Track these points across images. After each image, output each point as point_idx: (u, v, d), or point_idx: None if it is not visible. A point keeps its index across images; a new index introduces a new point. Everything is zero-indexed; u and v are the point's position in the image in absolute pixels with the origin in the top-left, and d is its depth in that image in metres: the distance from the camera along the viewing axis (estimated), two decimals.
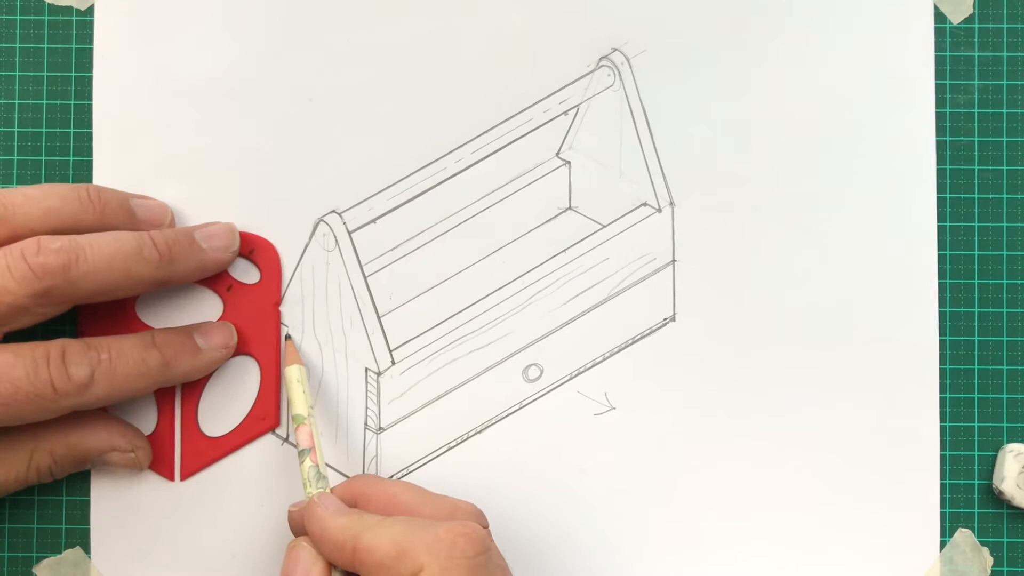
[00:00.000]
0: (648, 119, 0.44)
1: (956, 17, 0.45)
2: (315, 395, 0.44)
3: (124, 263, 0.39)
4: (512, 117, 0.44)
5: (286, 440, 0.44)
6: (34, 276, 0.38)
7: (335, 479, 0.44)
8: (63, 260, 0.38)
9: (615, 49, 0.44)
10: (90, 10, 0.44)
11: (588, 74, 0.44)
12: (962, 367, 0.44)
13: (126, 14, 0.44)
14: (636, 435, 0.44)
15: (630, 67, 0.44)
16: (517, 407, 0.44)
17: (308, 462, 0.40)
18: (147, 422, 0.43)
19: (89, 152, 0.44)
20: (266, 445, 0.44)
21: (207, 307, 0.43)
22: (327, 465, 0.42)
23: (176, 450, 0.44)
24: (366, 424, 0.44)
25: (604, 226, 0.44)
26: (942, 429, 0.44)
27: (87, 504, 0.43)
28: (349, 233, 0.44)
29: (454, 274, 0.44)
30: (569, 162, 0.44)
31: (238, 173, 0.44)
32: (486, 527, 0.40)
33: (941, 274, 0.44)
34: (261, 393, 0.44)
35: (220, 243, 0.42)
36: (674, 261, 0.44)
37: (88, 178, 0.44)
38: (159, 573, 0.43)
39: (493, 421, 0.44)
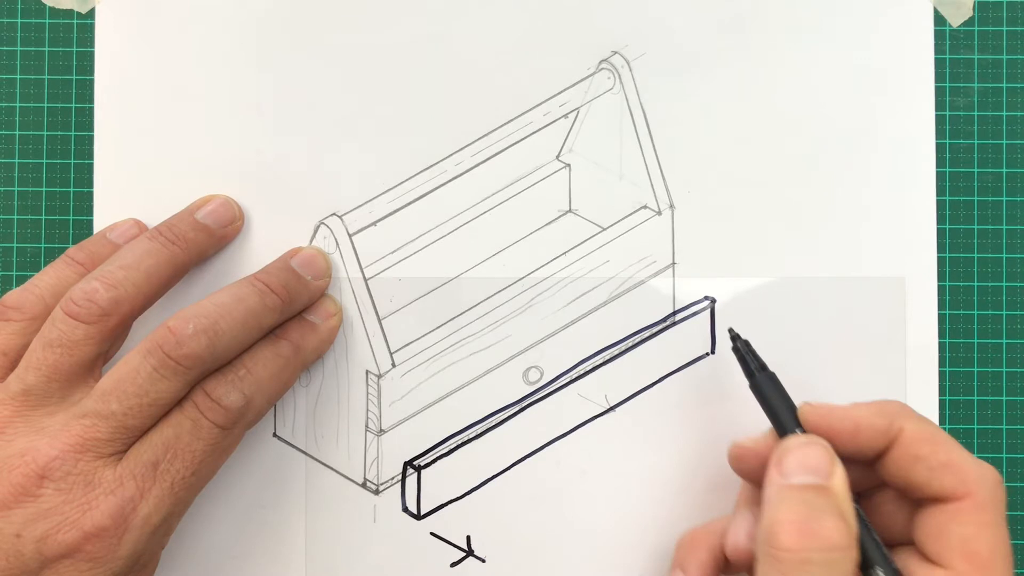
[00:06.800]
0: (648, 122, 0.44)
1: (956, 20, 0.45)
2: (316, 397, 0.44)
3: (256, 320, 0.39)
4: (512, 120, 0.44)
5: (285, 440, 0.44)
6: (185, 369, 0.38)
7: (336, 480, 0.44)
8: (205, 342, 0.38)
9: (615, 52, 0.44)
10: (91, 13, 0.45)
11: (588, 77, 0.44)
12: (961, 370, 0.44)
13: (127, 17, 0.44)
14: (636, 436, 0.44)
15: (630, 70, 0.44)
16: (518, 409, 0.44)
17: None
18: None
19: (90, 155, 0.44)
20: (266, 445, 0.44)
21: None
22: (331, 469, 0.42)
23: None
24: (367, 426, 0.44)
25: (604, 229, 0.44)
26: None
27: None
28: (350, 235, 0.44)
29: (454, 277, 0.44)
30: (569, 165, 0.45)
31: (239, 176, 0.44)
32: None
33: (941, 276, 0.44)
34: None
35: (318, 271, 0.43)
36: (674, 264, 0.44)
37: (89, 181, 0.44)
38: (160, 573, 0.43)
39: (494, 423, 0.44)
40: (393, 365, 0.44)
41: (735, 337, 0.40)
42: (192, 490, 0.39)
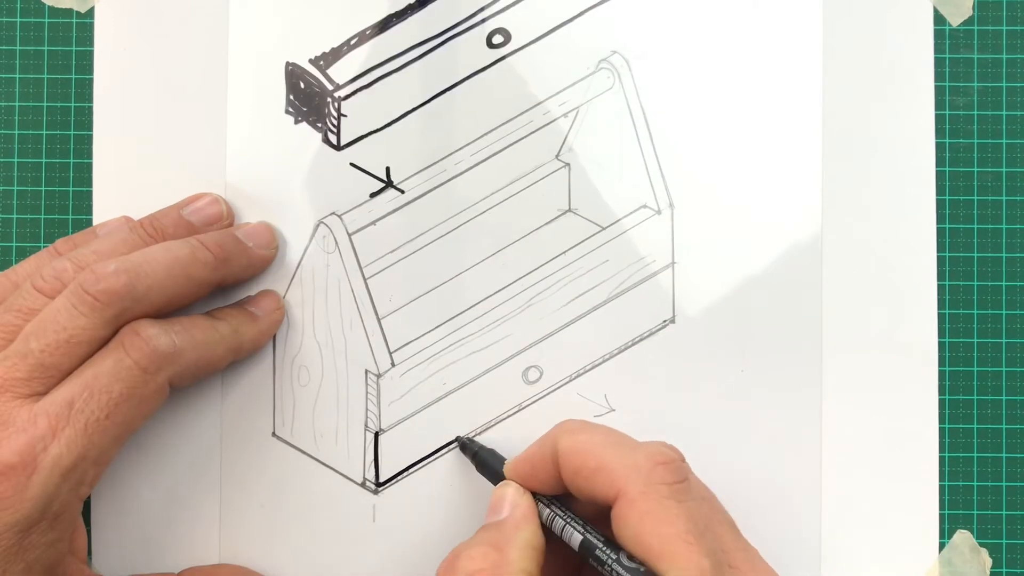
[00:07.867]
0: (648, 121, 0.44)
1: (956, 19, 0.45)
2: (315, 397, 0.44)
3: (183, 269, 0.39)
4: (512, 119, 0.44)
5: (285, 440, 0.44)
6: (102, 304, 0.37)
7: (335, 479, 0.44)
8: (124, 280, 0.37)
9: (615, 51, 0.44)
10: (90, 12, 0.45)
11: (588, 76, 0.44)
12: (961, 369, 0.44)
13: (126, 16, 0.44)
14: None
15: (629, 69, 0.44)
16: (517, 409, 0.44)
17: None
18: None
19: (89, 155, 0.44)
20: (266, 445, 0.44)
21: None
22: (331, 468, 0.42)
23: None
24: (366, 426, 0.44)
25: (604, 228, 0.44)
26: (941, 431, 0.44)
27: (87, 504, 0.44)
28: (349, 235, 0.44)
29: (454, 276, 0.44)
30: (569, 164, 0.44)
31: (238, 175, 0.44)
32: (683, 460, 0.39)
33: (940, 276, 0.44)
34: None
35: (262, 240, 0.43)
36: (673, 263, 0.44)
37: (88, 180, 0.44)
38: (158, 570, 0.43)
39: (493, 423, 0.44)
40: (392, 364, 0.44)
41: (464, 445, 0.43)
42: (106, 435, 0.37)
